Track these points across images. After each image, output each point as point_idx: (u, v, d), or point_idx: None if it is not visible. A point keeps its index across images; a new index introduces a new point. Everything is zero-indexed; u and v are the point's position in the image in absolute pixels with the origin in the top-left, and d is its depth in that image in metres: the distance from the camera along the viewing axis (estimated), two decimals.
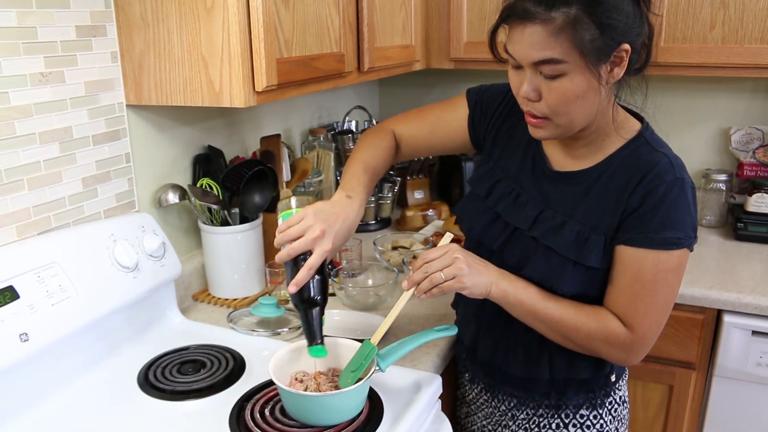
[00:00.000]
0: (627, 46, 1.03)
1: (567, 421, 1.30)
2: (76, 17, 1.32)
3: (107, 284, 1.32)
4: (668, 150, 1.15)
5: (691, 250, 1.12)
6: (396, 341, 1.20)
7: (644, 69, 1.12)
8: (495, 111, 1.33)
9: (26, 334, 1.15)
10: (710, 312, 1.77)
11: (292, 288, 1.12)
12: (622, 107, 1.18)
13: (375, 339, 1.15)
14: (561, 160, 1.22)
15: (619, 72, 1.06)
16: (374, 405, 1.17)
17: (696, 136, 2.33)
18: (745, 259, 1.96)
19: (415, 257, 1.80)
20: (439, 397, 1.29)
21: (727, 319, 1.74)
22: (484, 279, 1.14)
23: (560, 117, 1.08)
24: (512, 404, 1.34)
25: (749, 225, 2.09)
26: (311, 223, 1.14)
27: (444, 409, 1.32)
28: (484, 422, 1.43)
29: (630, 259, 1.11)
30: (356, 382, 1.09)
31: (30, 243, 1.25)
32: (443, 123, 1.40)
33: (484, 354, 1.34)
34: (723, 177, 2.21)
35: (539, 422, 1.32)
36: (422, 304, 1.61)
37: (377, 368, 1.13)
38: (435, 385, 1.27)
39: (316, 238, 1.13)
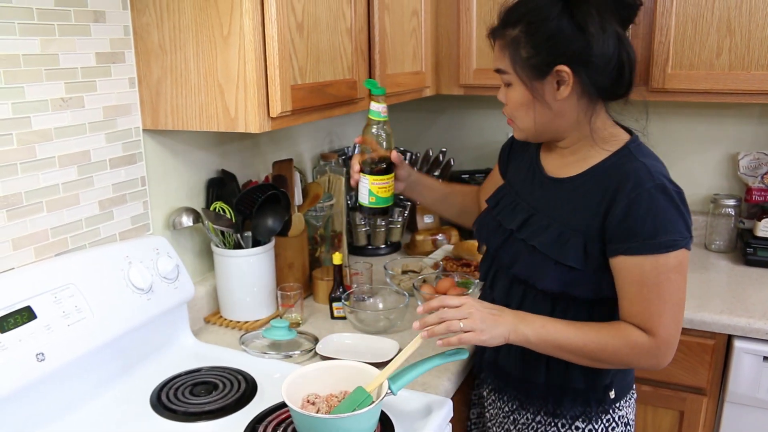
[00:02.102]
0: (566, 68, 1.15)
1: (563, 431, 1.32)
2: (97, 44, 1.36)
3: (122, 305, 1.33)
4: (650, 159, 1.20)
5: (689, 249, 1.17)
6: (407, 365, 1.21)
7: (625, 96, 1.22)
8: (512, 145, 1.50)
9: (42, 354, 1.16)
10: (720, 337, 1.77)
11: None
12: (621, 126, 1.28)
13: (370, 387, 1.16)
14: (554, 169, 1.32)
15: (565, 90, 1.17)
16: (385, 428, 1.17)
17: (704, 161, 2.34)
18: (755, 284, 1.96)
19: (425, 281, 1.81)
20: (450, 421, 1.29)
21: (737, 344, 1.74)
22: (500, 330, 1.17)
23: (517, 120, 1.26)
24: (514, 407, 1.38)
25: (758, 250, 2.09)
26: None
27: (457, 409, 1.35)
28: (489, 423, 1.47)
29: (631, 267, 1.16)
30: (369, 405, 1.10)
31: (47, 264, 1.27)
32: (492, 177, 1.58)
33: (490, 354, 1.39)
34: (731, 202, 2.21)
35: (536, 428, 1.35)
36: None
37: (389, 391, 1.14)
38: (446, 409, 1.27)
39: None
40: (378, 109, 1.40)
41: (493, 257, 1.37)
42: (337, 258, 1.69)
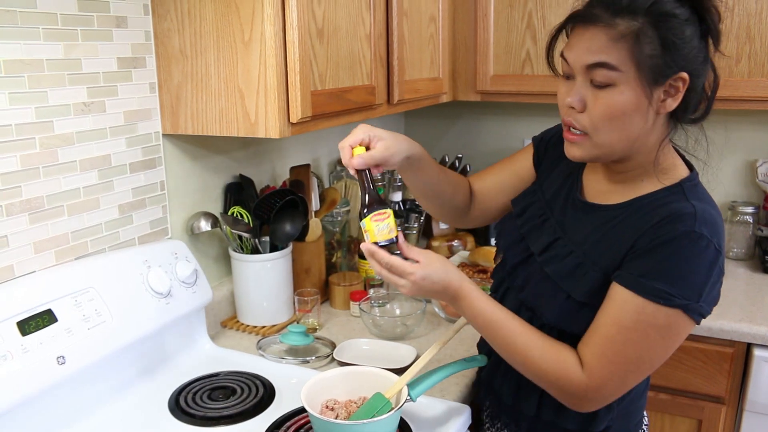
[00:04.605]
0: (686, 75, 0.99)
1: None
2: (118, 49, 1.37)
3: (141, 309, 1.34)
4: (701, 203, 1.04)
5: (696, 321, 1.01)
6: (425, 371, 1.21)
7: (702, 120, 1.07)
8: (551, 140, 1.32)
9: (63, 357, 1.17)
10: (739, 345, 1.75)
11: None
12: (680, 155, 1.14)
13: (389, 393, 1.15)
14: (594, 192, 1.17)
15: (672, 104, 1.02)
16: None
17: (722, 168, 2.32)
18: None
19: None
20: (468, 428, 1.29)
21: (757, 353, 1.72)
22: (433, 296, 1.15)
23: (599, 134, 1.03)
24: None
25: None
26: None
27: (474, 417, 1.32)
28: None
29: (615, 297, 1.03)
30: (389, 411, 1.09)
31: (68, 268, 1.28)
32: (511, 160, 1.39)
33: (486, 374, 1.30)
34: (750, 209, 2.20)
35: None
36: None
37: (408, 398, 1.14)
38: (464, 416, 1.27)
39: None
40: None
41: (509, 273, 1.24)
42: (358, 150, 1.25)
